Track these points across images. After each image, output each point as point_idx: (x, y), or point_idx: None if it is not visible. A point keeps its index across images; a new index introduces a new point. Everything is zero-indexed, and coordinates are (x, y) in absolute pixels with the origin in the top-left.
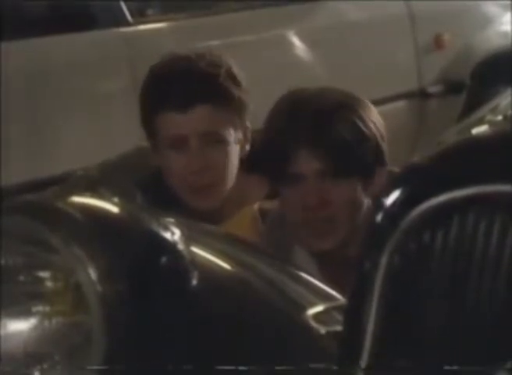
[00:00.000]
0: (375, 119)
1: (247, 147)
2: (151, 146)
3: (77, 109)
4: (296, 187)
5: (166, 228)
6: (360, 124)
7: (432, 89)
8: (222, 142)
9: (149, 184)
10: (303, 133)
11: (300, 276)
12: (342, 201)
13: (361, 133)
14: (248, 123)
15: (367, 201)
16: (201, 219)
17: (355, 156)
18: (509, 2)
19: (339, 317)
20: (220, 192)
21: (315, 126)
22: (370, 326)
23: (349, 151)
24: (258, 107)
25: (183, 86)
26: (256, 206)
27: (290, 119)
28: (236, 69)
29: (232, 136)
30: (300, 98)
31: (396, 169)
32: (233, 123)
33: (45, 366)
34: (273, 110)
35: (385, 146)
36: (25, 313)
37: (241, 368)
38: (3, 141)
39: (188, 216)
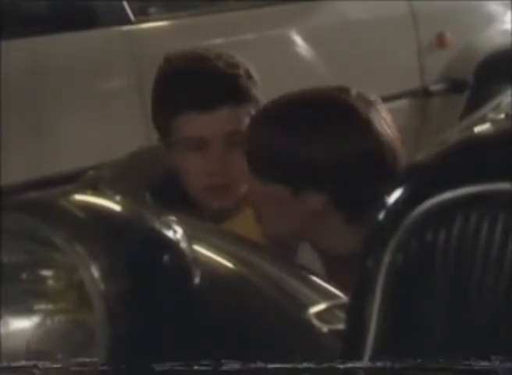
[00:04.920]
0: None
1: None
2: (164, 146)
3: (78, 108)
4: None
5: (168, 226)
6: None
7: (435, 87)
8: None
9: (158, 184)
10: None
11: (303, 275)
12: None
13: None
14: None
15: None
16: (210, 218)
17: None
18: (509, 1)
19: (342, 315)
20: (235, 192)
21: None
22: (372, 325)
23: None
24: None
25: (205, 86)
26: None
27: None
28: (252, 70)
29: None
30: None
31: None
32: None
33: (47, 364)
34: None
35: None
36: (27, 311)
37: (243, 367)
38: (3, 141)
39: (196, 215)
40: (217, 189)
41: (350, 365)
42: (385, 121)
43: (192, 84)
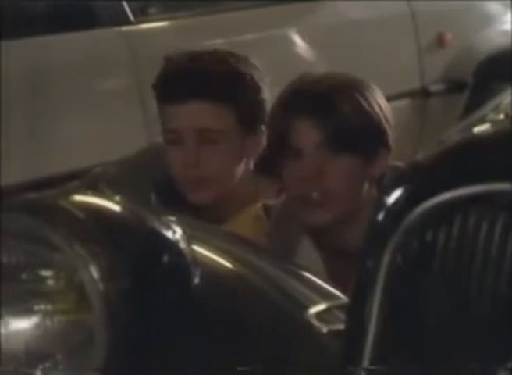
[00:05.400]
0: (379, 100)
1: (259, 149)
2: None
3: (78, 109)
4: (295, 160)
5: (168, 226)
6: (363, 102)
7: (434, 88)
8: (219, 141)
9: (162, 183)
10: (304, 106)
11: (303, 275)
12: (339, 175)
13: (362, 111)
14: (262, 127)
15: (367, 183)
16: (207, 218)
17: (354, 131)
18: (509, 2)
19: (342, 316)
20: (216, 189)
21: (318, 99)
22: (372, 325)
23: (348, 125)
24: None
25: (181, 81)
26: (259, 204)
27: (294, 94)
28: (244, 69)
29: (234, 135)
30: (306, 78)
31: (401, 165)
32: (237, 122)
33: (47, 364)
34: (281, 91)
35: (388, 128)
36: (27, 312)
37: (243, 367)
38: (3, 141)
39: (195, 213)
40: (193, 182)
41: (350, 365)
42: None
43: (173, 79)
